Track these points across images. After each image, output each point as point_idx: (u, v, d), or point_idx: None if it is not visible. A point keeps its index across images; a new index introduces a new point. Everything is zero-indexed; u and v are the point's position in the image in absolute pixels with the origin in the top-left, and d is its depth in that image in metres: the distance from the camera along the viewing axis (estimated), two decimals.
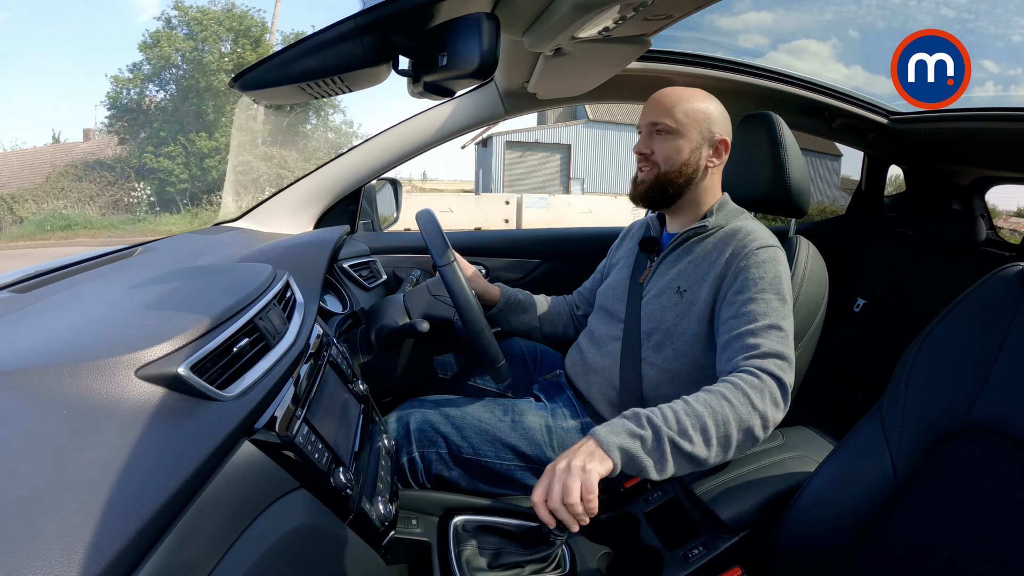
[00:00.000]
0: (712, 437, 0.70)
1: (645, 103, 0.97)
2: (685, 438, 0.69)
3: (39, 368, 0.44)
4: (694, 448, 0.69)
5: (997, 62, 10.41)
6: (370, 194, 1.54)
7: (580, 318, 1.20)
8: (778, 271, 0.85)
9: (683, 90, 0.94)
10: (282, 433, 0.51)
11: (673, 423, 0.70)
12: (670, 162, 0.93)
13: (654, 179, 0.94)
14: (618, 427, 0.69)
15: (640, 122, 0.97)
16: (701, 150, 0.93)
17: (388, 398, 1.11)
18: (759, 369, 0.76)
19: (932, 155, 1.87)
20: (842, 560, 0.66)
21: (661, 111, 0.92)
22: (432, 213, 0.99)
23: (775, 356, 0.78)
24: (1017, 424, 0.55)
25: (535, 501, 0.65)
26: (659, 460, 0.68)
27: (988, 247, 1.79)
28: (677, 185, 0.93)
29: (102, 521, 0.32)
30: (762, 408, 0.73)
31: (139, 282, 0.71)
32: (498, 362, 0.91)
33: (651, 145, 0.94)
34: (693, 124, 0.92)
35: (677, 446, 0.69)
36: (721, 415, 0.71)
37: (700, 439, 0.70)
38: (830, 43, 15.74)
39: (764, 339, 0.79)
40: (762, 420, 0.73)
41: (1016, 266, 0.62)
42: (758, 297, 0.83)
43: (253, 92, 0.61)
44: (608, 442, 0.67)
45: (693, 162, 0.93)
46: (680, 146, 0.92)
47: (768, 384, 0.75)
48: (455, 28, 0.58)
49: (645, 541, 0.82)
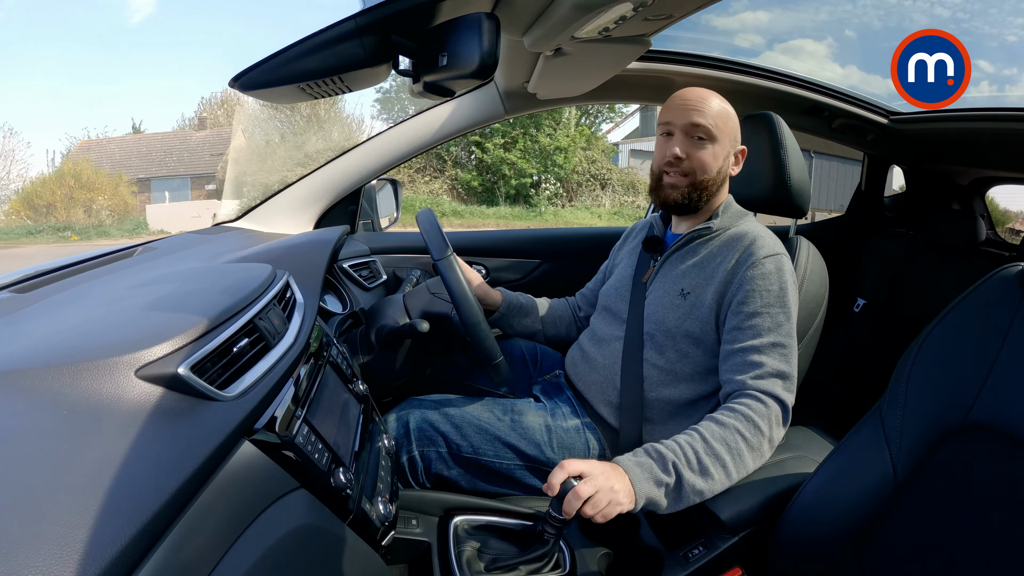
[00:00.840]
0: (732, 474, 0.75)
1: (672, 99, 0.91)
2: (705, 478, 0.74)
3: (39, 368, 0.44)
4: (712, 486, 0.74)
5: (992, 62, 10.41)
6: (370, 194, 1.55)
7: (583, 319, 1.20)
8: (784, 282, 0.85)
9: (713, 93, 0.90)
10: (282, 433, 0.51)
11: (695, 465, 0.74)
12: (706, 169, 0.89)
13: (688, 186, 0.90)
14: (646, 471, 0.73)
15: (672, 120, 0.90)
16: (729, 158, 0.91)
17: (388, 398, 1.11)
18: (764, 392, 0.79)
19: (932, 155, 1.87)
20: (842, 560, 0.66)
21: (700, 113, 0.88)
22: (432, 213, 0.99)
23: (779, 376, 0.81)
24: (1017, 424, 0.55)
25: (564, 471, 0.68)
26: (674, 502, 0.74)
27: (988, 247, 1.79)
28: (709, 193, 0.91)
29: (102, 521, 0.32)
30: (769, 434, 0.78)
31: (139, 282, 0.71)
32: (495, 358, 0.91)
33: (687, 149, 0.89)
34: (727, 131, 0.89)
35: (695, 489, 0.73)
36: (736, 450, 0.76)
37: (719, 476, 0.75)
38: (826, 43, 15.73)
39: (768, 357, 0.81)
40: (770, 445, 0.79)
41: (1016, 266, 0.62)
42: (763, 311, 0.83)
43: (253, 92, 0.61)
44: (639, 491, 0.71)
45: (724, 170, 0.91)
46: (716, 153, 0.89)
47: (773, 409, 0.79)
48: (455, 28, 0.58)
49: (645, 541, 0.82)
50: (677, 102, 0.91)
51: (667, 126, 0.91)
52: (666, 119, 0.91)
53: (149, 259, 1.01)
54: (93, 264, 0.94)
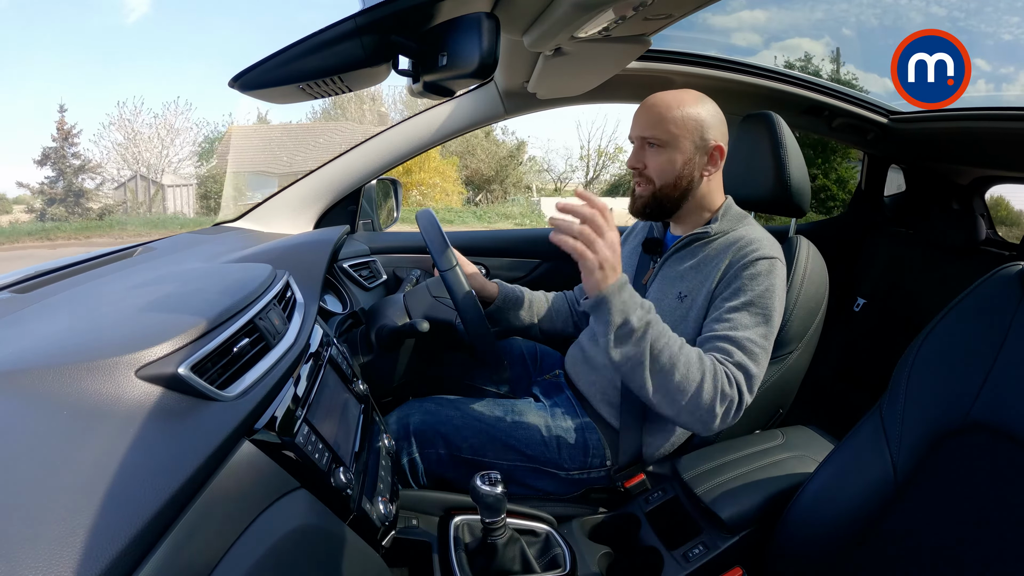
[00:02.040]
0: (669, 387, 0.75)
1: (635, 113, 0.93)
2: (654, 365, 0.75)
3: (39, 368, 0.44)
4: (647, 380, 0.75)
5: (988, 61, 10.37)
6: (370, 194, 1.54)
7: (581, 315, 1.20)
8: (772, 284, 0.84)
9: (672, 96, 0.90)
10: (282, 433, 0.51)
11: (658, 350, 0.75)
12: (664, 176, 0.90)
13: (650, 195, 0.91)
14: (628, 304, 0.74)
15: (631, 133, 0.93)
16: (695, 160, 0.90)
17: (388, 398, 1.11)
18: (729, 375, 0.78)
19: (932, 155, 1.87)
20: (842, 559, 0.66)
21: (650, 123, 0.89)
22: (432, 214, 0.99)
23: (741, 370, 0.79)
24: (1018, 423, 0.55)
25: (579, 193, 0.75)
26: (615, 342, 0.74)
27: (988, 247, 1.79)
28: (673, 199, 0.91)
29: (102, 521, 0.32)
30: (718, 411, 0.76)
31: (139, 282, 0.71)
32: (499, 367, 0.91)
33: (643, 159, 0.90)
34: (685, 134, 0.88)
35: (638, 359, 0.74)
36: (689, 379, 0.75)
37: (657, 381, 0.75)
38: (823, 41, 15.73)
39: (738, 350, 0.80)
40: (710, 417, 0.76)
41: (1016, 266, 0.62)
42: (744, 308, 0.83)
43: (252, 92, 0.61)
44: (611, 302, 0.73)
45: (687, 173, 0.90)
46: (673, 158, 0.88)
47: (735, 389, 0.77)
48: (455, 28, 0.58)
49: (645, 541, 0.82)
50: (637, 112, 0.92)
51: (630, 137, 0.94)
52: (630, 131, 0.94)
53: (149, 259, 1.01)
54: (93, 264, 0.94)
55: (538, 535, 0.82)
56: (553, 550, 0.79)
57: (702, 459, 0.88)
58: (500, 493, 0.68)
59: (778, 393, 0.97)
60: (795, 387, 1.01)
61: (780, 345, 0.93)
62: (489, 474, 0.69)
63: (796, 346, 0.95)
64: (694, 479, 0.84)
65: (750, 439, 0.93)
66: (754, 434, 0.97)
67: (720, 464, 0.85)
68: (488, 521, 0.71)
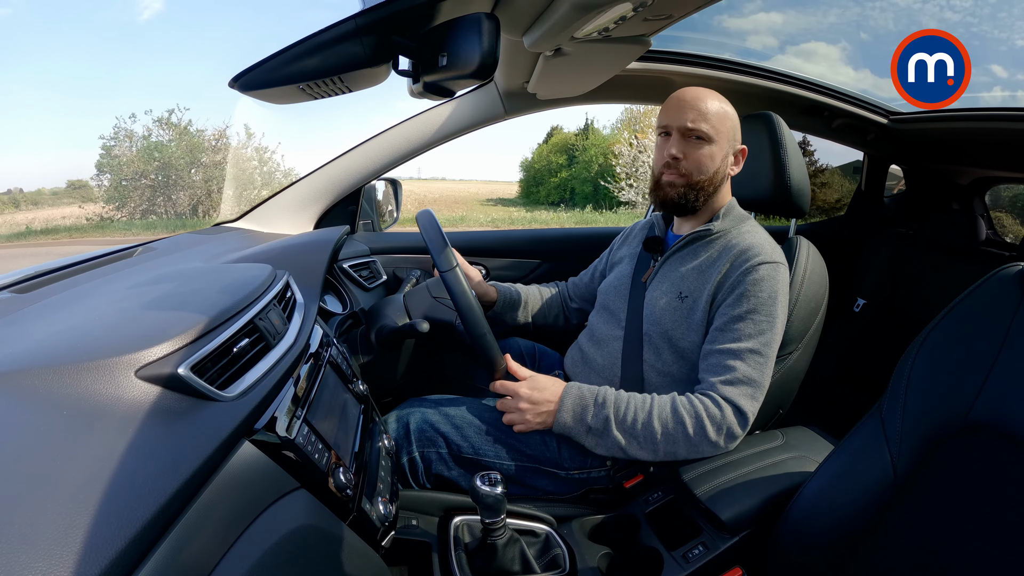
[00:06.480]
0: (657, 452, 0.83)
1: (669, 100, 0.92)
2: (629, 441, 0.83)
3: (39, 368, 0.44)
4: (634, 451, 0.83)
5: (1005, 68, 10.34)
6: (370, 194, 1.55)
7: (573, 310, 1.21)
8: (775, 290, 0.85)
9: (710, 93, 0.90)
10: (282, 433, 0.51)
11: (627, 427, 0.82)
12: (702, 170, 0.90)
13: (685, 186, 0.91)
14: (579, 408, 0.85)
15: (669, 122, 0.91)
16: (728, 158, 0.91)
17: (388, 398, 1.11)
18: (726, 400, 0.81)
19: (932, 155, 1.87)
20: (842, 560, 0.66)
21: (697, 114, 0.88)
22: (432, 214, 0.99)
23: (746, 383, 0.82)
24: (1017, 424, 0.55)
25: (495, 387, 0.91)
26: (596, 445, 0.85)
27: (988, 247, 1.79)
28: (706, 193, 0.92)
29: (102, 521, 0.32)
30: (716, 439, 0.81)
31: (139, 282, 0.71)
32: (499, 368, 0.91)
33: (684, 149, 0.90)
34: (725, 131, 0.89)
35: (618, 444, 0.83)
36: (671, 437, 0.82)
37: (644, 448, 0.83)
38: (839, 46, 15.68)
39: (742, 363, 0.82)
40: (711, 447, 0.82)
41: (1016, 266, 0.62)
42: (748, 316, 0.83)
43: (252, 92, 0.61)
44: (558, 419, 0.86)
45: (722, 170, 0.91)
46: (714, 153, 0.89)
47: (728, 419, 0.81)
48: (455, 28, 0.58)
49: (645, 541, 0.82)
50: (674, 103, 0.91)
51: (665, 127, 0.92)
52: (664, 120, 0.92)
53: (149, 259, 1.01)
54: (93, 264, 0.94)
55: (538, 535, 0.82)
56: (553, 550, 0.79)
57: (702, 460, 0.88)
58: (500, 493, 0.69)
59: (778, 393, 0.97)
60: (795, 387, 1.01)
61: (780, 345, 0.92)
62: (489, 474, 0.70)
63: (796, 346, 0.95)
64: (694, 480, 0.84)
65: (750, 439, 0.93)
66: (754, 434, 0.97)
67: (720, 465, 0.85)
68: (488, 521, 0.71)
